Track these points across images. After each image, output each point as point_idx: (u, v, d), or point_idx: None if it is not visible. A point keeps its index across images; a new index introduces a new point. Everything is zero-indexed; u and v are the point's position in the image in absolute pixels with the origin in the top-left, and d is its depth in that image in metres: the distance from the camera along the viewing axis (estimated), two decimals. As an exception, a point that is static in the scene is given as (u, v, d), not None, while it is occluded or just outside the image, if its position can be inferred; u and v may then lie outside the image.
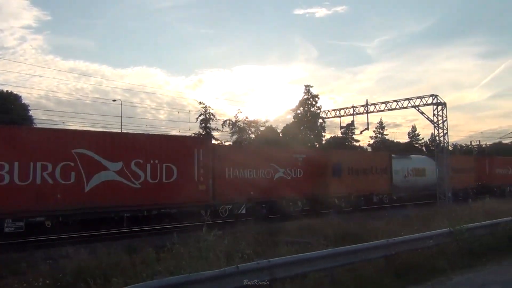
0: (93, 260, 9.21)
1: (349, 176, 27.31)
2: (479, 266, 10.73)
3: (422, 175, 33.77)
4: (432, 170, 33.84)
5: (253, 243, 11.25)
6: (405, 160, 33.84)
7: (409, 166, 33.37)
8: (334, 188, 25.51)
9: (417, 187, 33.02)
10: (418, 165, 34.46)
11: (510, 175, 43.16)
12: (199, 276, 6.90)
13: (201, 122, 46.32)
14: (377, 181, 29.34)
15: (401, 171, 32.19)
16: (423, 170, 34.10)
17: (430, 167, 34.28)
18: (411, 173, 33.12)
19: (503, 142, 71.28)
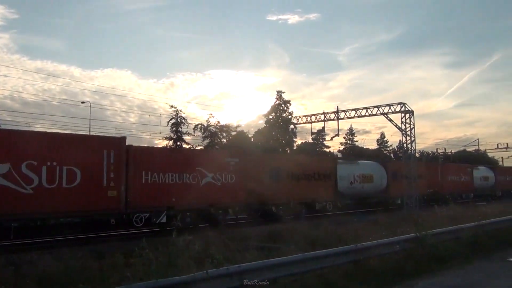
0: (59, 266, 8.97)
1: (288, 182, 25.06)
2: (444, 270, 11.03)
3: (369, 181, 32.28)
4: (380, 176, 33.08)
5: (224, 248, 11.20)
6: (351, 166, 32.22)
7: (356, 172, 31.63)
8: (272, 194, 23.34)
9: (364, 194, 31.88)
10: (366, 171, 32.75)
11: (463, 182, 42.70)
12: (168, 281, 6.84)
13: (172, 126, 45.87)
14: (320, 187, 27.13)
15: (347, 177, 30.44)
16: (371, 177, 32.58)
17: (378, 173, 33.32)
18: (357, 179, 31.44)
19: (467, 150, 73.63)
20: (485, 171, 48.25)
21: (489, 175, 48.09)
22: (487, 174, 47.95)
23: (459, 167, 45.90)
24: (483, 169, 48.71)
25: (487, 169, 49.19)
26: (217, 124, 47.54)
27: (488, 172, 48.50)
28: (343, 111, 33.78)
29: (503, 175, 51.27)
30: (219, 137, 48.04)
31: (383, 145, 77.50)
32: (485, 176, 47.05)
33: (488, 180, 47.53)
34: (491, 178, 48.11)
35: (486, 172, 48.33)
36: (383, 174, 33.52)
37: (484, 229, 14.78)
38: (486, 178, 47.12)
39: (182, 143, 46.24)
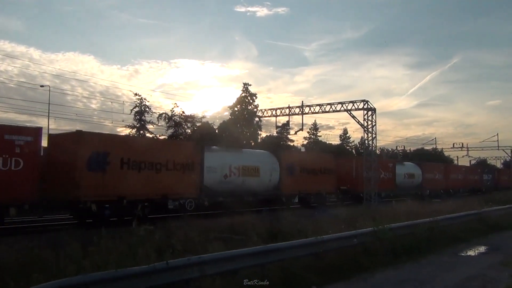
0: (12, 254, 8.65)
1: (123, 172, 18.70)
2: (400, 264, 11.39)
3: (254, 175, 25.93)
4: (270, 169, 27.19)
5: (185, 239, 11.13)
6: (228, 155, 25.44)
7: (234, 163, 24.95)
8: (92, 188, 17.44)
9: (246, 191, 25.59)
10: (249, 162, 26.25)
11: (383, 179, 36.65)
12: (127, 272, 6.74)
13: (136, 114, 44.95)
14: (177, 180, 20.99)
15: (220, 168, 24.02)
16: (256, 169, 26.13)
17: (268, 165, 27.28)
18: (235, 172, 24.87)
19: (425, 148, 76.12)
20: (411, 168, 44.05)
21: (415, 172, 43.86)
22: (413, 171, 43.69)
23: (379, 162, 39.78)
24: (409, 165, 44.60)
25: (413, 166, 45.03)
26: (181, 114, 46.93)
27: (414, 169, 44.25)
28: (308, 106, 34.16)
29: (432, 173, 46.76)
30: (184, 128, 47.46)
31: (346, 141, 78.91)
32: (411, 173, 42.95)
33: (414, 177, 43.29)
34: (417, 175, 43.97)
35: (412, 169, 44.06)
36: (274, 166, 27.69)
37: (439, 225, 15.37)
38: (411, 175, 42.88)
39: (146, 132, 45.47)
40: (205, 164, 23.01)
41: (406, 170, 42.31)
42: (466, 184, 52.66)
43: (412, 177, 42.91)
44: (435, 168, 48.93)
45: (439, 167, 49.86)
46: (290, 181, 28.23)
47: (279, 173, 27.86)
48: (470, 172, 57.36)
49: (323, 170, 31.64)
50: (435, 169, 48.31)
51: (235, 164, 25.12)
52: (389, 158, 55.99)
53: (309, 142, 72.66)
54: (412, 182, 42.77)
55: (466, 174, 54.38)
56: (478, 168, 63.91)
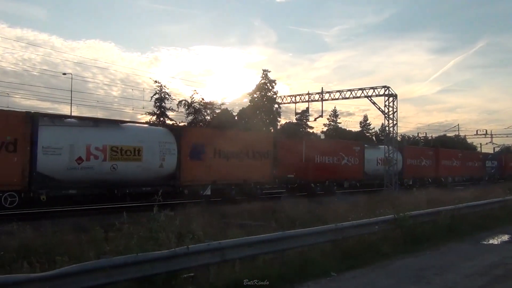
0: (38, 238, 8.90)
1: None
2: (420, 251, 11.30)
3: (132, 158, 18.67)
4: (162, 151, 19.77)
5: (205, 224, 11.26)
6: (84, 131, 17.98)
7: (97, 142, 17.84)
8: None
9: (119, 181, 18.56)
10: (127, 141, 18.83)
11: (345, 166, 30.91)
12: (149, 256, 6.84)
13: (156, 101, 45.37)
14: None
15: (68, 149, 16.95)
16: (137, 151, 18.82)
17: (157, 146, 19.70)
18: (99, 155, 17.76)
19: (448, 135, 74.88)
20: (382, 151, 34.97)
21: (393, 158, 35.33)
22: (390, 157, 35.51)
23: (341, 144, 34.63)
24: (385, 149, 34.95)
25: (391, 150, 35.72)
26: (201, 101, 47.13)
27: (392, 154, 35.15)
28: (328, 93, 33.91)
29: (417, 158, 39.61)
30: (203, 114, 47.71)
31: (366, 128, 78.19)
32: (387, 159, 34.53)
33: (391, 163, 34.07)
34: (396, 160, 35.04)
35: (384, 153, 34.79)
36: (168, 148, 20.19)
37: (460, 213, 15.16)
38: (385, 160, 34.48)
39: (166, 118, 45.86)
40: (39, 143, 16.09)
41: (381, 155, 34.26)
42: (463, 172, 46.80)
43: (386, 164, 34.35)
44: (421, 152, 42.67)
45: (426, 151, 43.52)
46: (196, 168, 20.86)
47: (176, 157, 20.23)
48: (469, 158, 50.66)
49: (254, 154, 23.90)
50: (421, 154, 41.78)
51: (98, 144, 17.79)
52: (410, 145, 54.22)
53: (328, 129, 72.33)
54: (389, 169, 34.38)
55: (463, 161, 47.41)
56: (480, 154, 58.50)
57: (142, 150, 19.06)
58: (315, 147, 29.25)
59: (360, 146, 34.16)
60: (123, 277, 6.53)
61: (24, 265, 6.77)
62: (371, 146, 37.56)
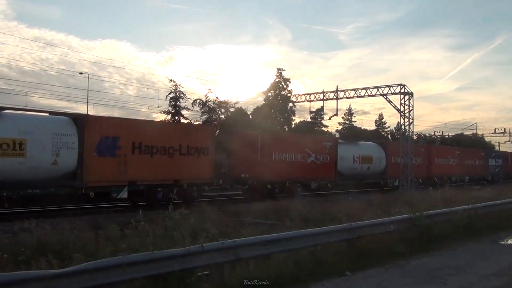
0: (55, 235, 9.05)
1: None
2: (436, 251, 11.19)
3: (13, 153, 15.14)
4: (54, 145, 16.16)
5: (219, 223, 11.31)
6: None
7: None
8: None
9: (3, 179, 15.03)
10: (5, 131, 15.32)
11: (312, 164, 26.74)
12: (164, 254, 6.91)
13: (171, 100, 45.65)
14: None
15: None
16: (18, 145, 15.32)
17: (47, 139, 16.10)
18: None
19: (465, 134, 73.82)
20: (367, 149, 32.17)
21: (374, 155, 32.06)
22: (369, 154, 31.77)
23: (308, 139, 30.41)
24: (366, 146, 32.86)
25: (373, 146, 33.48)
26: (215, 99, 47.28)
27: (373, 151, 32.54)
28: (343, 91, 33.72)
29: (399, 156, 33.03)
30: (218, 113, 47.86)
31: (381, 126, 77.55)
32: (366, 156, 31.27)
33: (372, 162, 31.65)
34: (378, 159, 32.21)
35: (370, 151, 32.20)
36: (63, 140, 16.55)
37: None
38: (367, 159, 31.32)
39: (180, 117, 46.13)
40: None
41: (359, 151, 30.91)
42: (462, 171, 41.72)
43: (368, 162, 31.39)
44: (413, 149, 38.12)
45: (416, 148, 36.90)
46: (106, 166, 17.55)
47: (77, 152, 16.82)
48: (468, 156, 45.41)
49: (189, 149, 20.41)
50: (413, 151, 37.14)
51: None
52: (423, 143, 53.29)
53: (343, 127, 71.93)
54: (368, 168, 31.49)
55: (461, 159, 42.55)
56: (482, 151, 51.64)
57: (25, 144, 15.48)
58: (274, 142, 24.93)
59: (332, 142, 30.02)
60: (139, 274, 6.60)
61: (42, 261, 6.89)
62: (347, 142, 32.71)
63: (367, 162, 31.38)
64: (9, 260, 7.49)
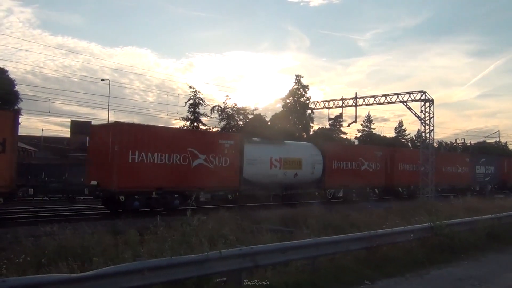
0: (76, 239, 9.18)
1: None
2: (457, 261, 10.96)
3: None
4: None
5: (237, 229, 11.32)
6: None
7: None
8: None
9: None
10: None
11: (197, 170, 19.90)
12: (182, 259, 6.94)
13: (190, 107, 45.94)
14: None
15: None
16: None
17: None
18: None
19: (488, 142, 72.35)
20: (294, 150, 25.08)
21: (304, 158, 24.84)
22: (298, 156, 24.64)
23: (191, 135, 23.15)
24: (295, 146, 26.19)
25: (306, 147, 26.62)
26: (234, 106, 47.42)
27: (303, 152, 25.40)
28: (362, 98, 33.42)
29: (349, 160, 27.92)
30: (236, 120, 47.97)
31: (401, 134, 76.62)
32: (291, 160, 23.94)
33: (301, 167, 24.52)
34: (311, 164, 25.24)
35: (298, 152, 25.08)
36: None
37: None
38: (294, 162, 24.17)
39: (199, 124, 46.38)
40: None
41: (280, 153, 23.73)
42: (440, 180, 31.89)
43: (295, 167, 24.27)
44: (362, 152, 30.96)
45: (370, 151, 30.77)
46: None
47: None
48: (449, 161, 36.81)
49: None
50: (358, 154, 29.52)
51: None
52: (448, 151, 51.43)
53: (362, 134, 71.31)
54: (296, 175, 24.23)
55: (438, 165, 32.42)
56: (466, 156, 42.44)
57: None
58: (136, 137, 18.33)
59: (234, 140, 21.93)
60: (157, 279, 6.64)
61: (63, 265, 7.00)
62: (262, 141, 24.39)
63: (294, 167, 24.19)
64: (31, 263, 7.64)
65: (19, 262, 7.62)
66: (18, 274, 6.48)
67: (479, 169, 40.40)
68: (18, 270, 6.99)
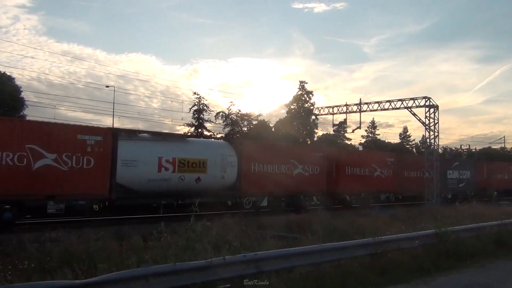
0: (81, 245, 9.19)
1: None
2: (464, 268, 10.86)
3: None
4: None
5: (241, 235, 11.29)
6: None
7: None
8: None
9: None
10: None
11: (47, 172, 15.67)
12: (186, 266, 6.94)
13: (194, 113, 46.08)
14: None
15: None
16: None
17: None
18: None
19: (493, 148, 72.06)
20: (195, 149, 20.47)
21: (211, 159, 20.27)
22: (202, 157, 20.00)
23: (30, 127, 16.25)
24: (194, 143, 21.71)
25: (209, 145, 22.91)
26: (238, 112, 47.53)
27: (210, 152, 20.73)
28: (366, 104, 33.42)
29: (270, 162, 22.45)
30: (240, 126, 48.05)
31: (406, 140, 76.47)
32: (192, 161, 19.44)
33: (206, 170, 20.00)
34: (219, 166, 20.55)
35: (200, 151, 20.41)
36: None
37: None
38: (194, 165, 19.57)
39: (204, 130, 46.48)
40: None
41: (174, 153, 19.09)
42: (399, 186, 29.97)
43: (197, 170, 19.43)
44: (294, 152, 24.51)
45: (309, 151, 26.01)
46: None
47: None
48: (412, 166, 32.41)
49: None
50: (294, 154, 23.94)
51: None
52: (450, 157, 51.38)
53: (367, 140, 71.21)
54: (198, 180, 19.55)
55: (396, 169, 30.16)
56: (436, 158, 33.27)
57: None
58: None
59: (102, 135, 17.21)
60: (161, 286, 6.62)
61: (67, 271, 7.00)
62: (150, 135, 19.93)
63: (196, 171, 19.41)
64: (36, 269, 7.65)
65: (24, 268, 7.63)
66: (22, 280, 6.49)
67: (451, 174, 35.76)
68: (23, 276, 7.00)
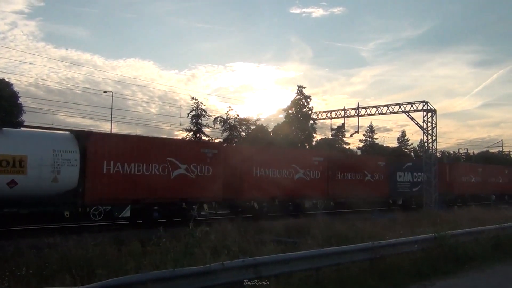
0: (79, 250, 9.17)
1: None
2: (463, 272, 10.85)
3: None
4: None
5: (240, 240, 11.27)
6: None
7: None
8: None
9: None
10: None
11: None
12: (184, 271, 6.92)
13: (192, 118, 46.08)
14: None
15: None
16: None
17: None
18: None
19: (491, 151, 72.17)
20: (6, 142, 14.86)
21: (32, 156, 14.97)
22: (18, 152, 14.80)
23: None
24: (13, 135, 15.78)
25: (31, 136, 16.29)
26: (236, 117, 47.56)
27: (33, 147, 15.30)
28: (364, 108, 33.49)
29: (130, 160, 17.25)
30: (238, 131, 48.06)
31: (404, 144, 76.53)
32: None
33: (24, 171, 14.79)
34: (45, 165, 15.15)
35: (17, 145, 15.05)
36: None
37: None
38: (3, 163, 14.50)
39: (202, 135, 46.47)
40: None
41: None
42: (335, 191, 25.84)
43: (11, 171, 14.61)
44: (173, 149, 19.10)
45: (196, 147, 20.94)
46: None
47: None
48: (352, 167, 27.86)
49: None
50: (173, 151, 18.83)
51: None
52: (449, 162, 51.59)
53: (365, 145, 71.23)
54: (16, 185, 14.63)
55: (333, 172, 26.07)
56: (381, 159, 32.46)
57: None
58: None
59: None
60: (160, 291, 6.60)
61: (66, 277, 6.98)
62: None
63: (8, 171, 14.56)
64: (34, 275, 7.61)
65: (22, 274, 7.60)
66: (20, 287, 6.46)
67: (402, 176, 31.36)
68: (21, 283, 6.97)
